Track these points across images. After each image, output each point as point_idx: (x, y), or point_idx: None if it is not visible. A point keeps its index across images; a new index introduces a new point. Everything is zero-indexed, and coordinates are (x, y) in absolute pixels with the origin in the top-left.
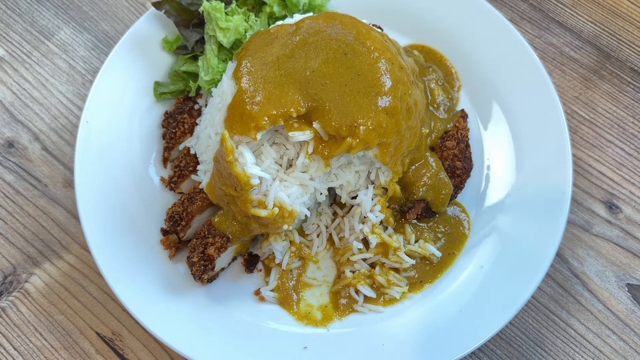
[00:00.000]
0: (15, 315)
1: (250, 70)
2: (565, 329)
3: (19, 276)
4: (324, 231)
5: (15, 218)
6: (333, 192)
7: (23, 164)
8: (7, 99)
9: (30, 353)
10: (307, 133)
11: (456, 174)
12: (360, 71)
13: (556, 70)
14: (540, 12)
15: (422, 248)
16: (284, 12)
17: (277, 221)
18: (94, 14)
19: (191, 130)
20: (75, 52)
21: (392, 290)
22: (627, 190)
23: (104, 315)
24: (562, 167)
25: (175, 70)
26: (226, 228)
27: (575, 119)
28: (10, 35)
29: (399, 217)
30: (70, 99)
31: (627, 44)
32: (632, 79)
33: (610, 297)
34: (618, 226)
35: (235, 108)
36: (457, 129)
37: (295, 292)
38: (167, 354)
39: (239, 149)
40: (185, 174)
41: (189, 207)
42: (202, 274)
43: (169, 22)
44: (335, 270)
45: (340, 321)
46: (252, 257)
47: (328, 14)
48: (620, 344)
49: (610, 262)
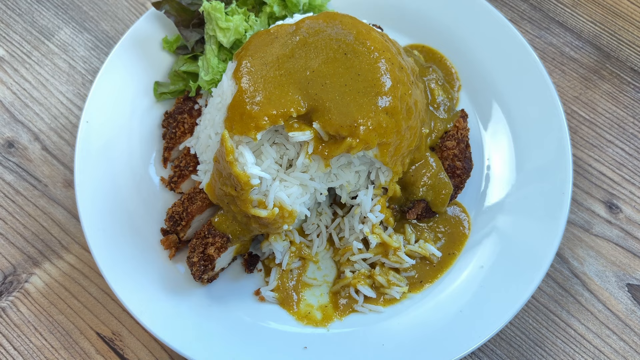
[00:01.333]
0: (15, 315)
1: (250, 70)
2: (565, 329)
3: (19, 276)
4: (324, 231)
5: (15, 218)
6: (333, 192)
7: (23, 164)
8: (7, 99)
9: (30, 353)
10: (307, 133)
11: (456, 174)
12: (360, 71)
13: (556, 70)
14: (540, 12)
15: (422, 248)
16: (284, 12)
17: (277, 221)
18: (94, 14)
19: (191, 130)
20: (75, 52)
21: (392, 290)
22: (627, 190)
23: (104, 315)
24: (562, 167)
25: (175, 70)
26: (226, 228)
27: (575, 119)
28: (10, 35)
29: (399, 217)
30: (70, 99)
31: (627, 44)
32: (632, 79)
33: (610, 297)
34: (618, 226)
35: (235, 108)
36: (457, 129)
37: (295, 292)
38: (167, 354)
39: (239, 149)
40: (185, 174)
41: (189, 207)
42: (202, 274)
43: (169, 22)
44: (335, 270)
45: (340, 321)
46: (252, 257)
47: (328, 14)
48: (620, 344)
49: (610, 262)
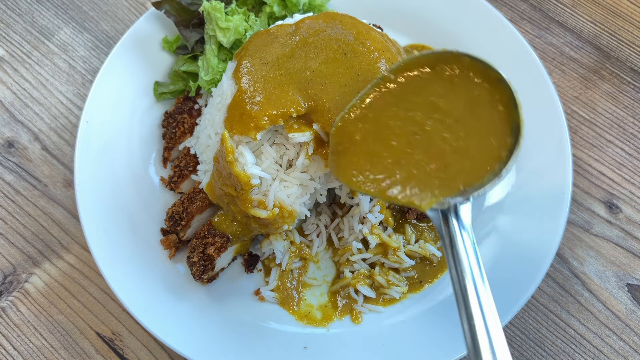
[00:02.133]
0: (15, 315)
1: (250, 70)
2: (565, 329)
3: (19, 276)
4: (324, 231)
5: (15, 218)
6: (332, 192)
7: (23, 164)
8: (7, 99)
9: (30, 353)
10: (307, 134)
11: None
12: (360, 71)
13: (556, 70)
14: (540, 12)
15: (422, 248)
16: (284, 12)
17: (277, 221)
18: (94, 14)
19: (191, 130)
20: (75, 52)
21: (391, 291)
22: (627, 190)
23: (104, 315)
24: (562, 167)
25: (175, 70)
26: (226, 228)
27: (575, 119)
28: (10, 35)
29: (399, 217)
30: (70, 99)
31: (627, 44)
32: (632, 79)
33: (610, 297)
34: (618, 226)
35: (235, 108)
36: None
37: (295, 292)
38: (167, 354)
39: (239, 149)
40: (185, 174)
41: (189, 207)
42: (202, 274)
43: (169, 22)
44: (335, 271)
45: (340, 321)
46: (252, 257)
47: (328, 14)
48: (620, 344)
49: (610, 262)
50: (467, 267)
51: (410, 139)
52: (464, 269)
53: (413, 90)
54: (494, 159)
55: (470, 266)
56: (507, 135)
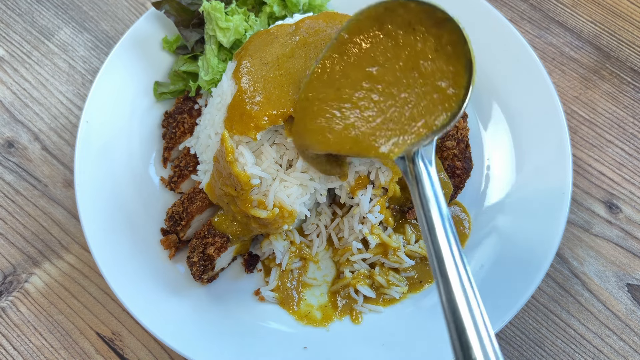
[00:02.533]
0: (15, 315)
1: (250, 70)
2: (565, 329)
3: (19, 276)
4: (324, 231)
5: (15, 218)
6: (332, 192)
7: (23, 164)
8: (7, 99)
9: (30, 353)
10: None
11: (456, 174)
12: None
13: (556, 70)
14: (540, 12)
15: (422, 248)
16: (284, 12)
17: (277, 221)
18: (94, 14)
19: (191, 130)
20: (75, 52)
21: (391, 291)
22: (627, 190)
23: (104, 315)
24: (562, 167)
25: (175, 70)
26: (226, 228)
27: (575, 119)
28: (10, 35)
29: (399, 217)
30: (70, 99)
31: (627, 44)
32: (632, 79)
33: (610, 297)
34: (618, 226)
35: (235, 108)
36: (457, 129)
37: (295, 292)
38: (167, 354)
39: (239, 149)
40: (185, 174)
41: (189, 207)
42: (202, 274)
43: (169, 22)
44: (335, 271)
45: (340, 321)
46: (252, 257)
47: (328, 14)
48: (620, 344)
49: (610, 262)
50: (432, 199)
51: (368, 97)
52: (429, 201)
53: (365, 55)
54: (450, 99)
55: (436, 197)
56: (461, 74)
